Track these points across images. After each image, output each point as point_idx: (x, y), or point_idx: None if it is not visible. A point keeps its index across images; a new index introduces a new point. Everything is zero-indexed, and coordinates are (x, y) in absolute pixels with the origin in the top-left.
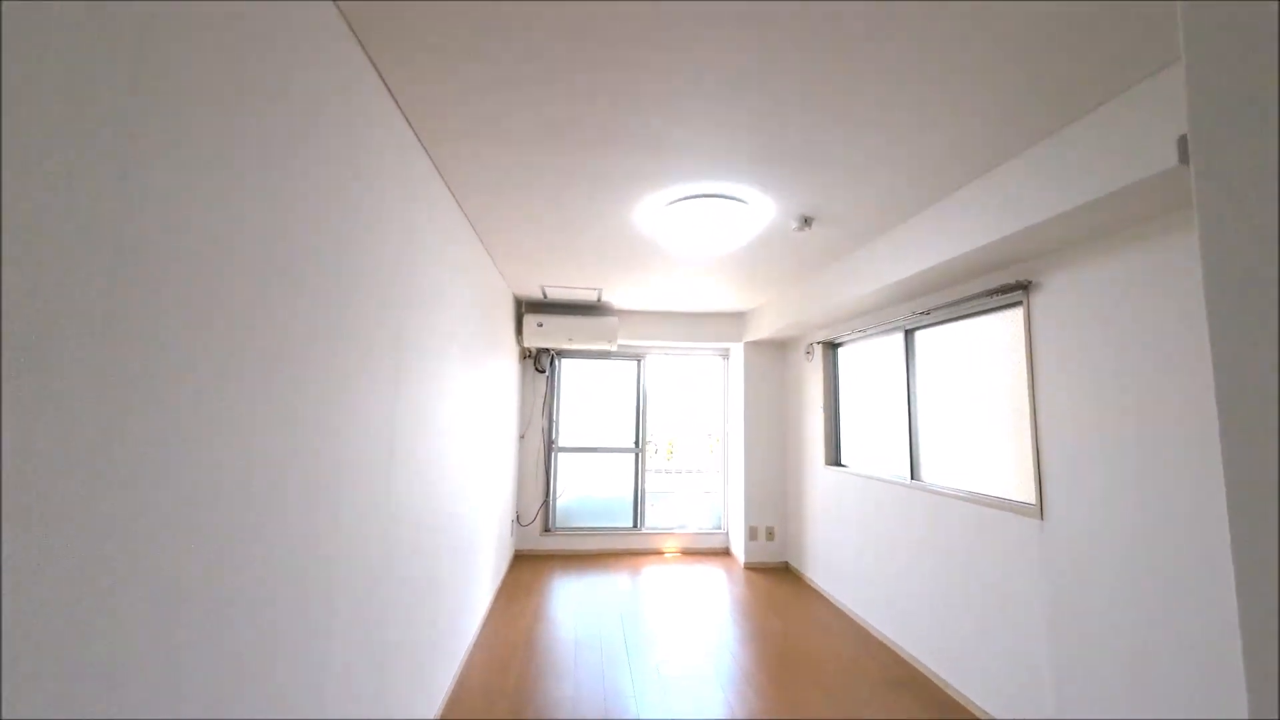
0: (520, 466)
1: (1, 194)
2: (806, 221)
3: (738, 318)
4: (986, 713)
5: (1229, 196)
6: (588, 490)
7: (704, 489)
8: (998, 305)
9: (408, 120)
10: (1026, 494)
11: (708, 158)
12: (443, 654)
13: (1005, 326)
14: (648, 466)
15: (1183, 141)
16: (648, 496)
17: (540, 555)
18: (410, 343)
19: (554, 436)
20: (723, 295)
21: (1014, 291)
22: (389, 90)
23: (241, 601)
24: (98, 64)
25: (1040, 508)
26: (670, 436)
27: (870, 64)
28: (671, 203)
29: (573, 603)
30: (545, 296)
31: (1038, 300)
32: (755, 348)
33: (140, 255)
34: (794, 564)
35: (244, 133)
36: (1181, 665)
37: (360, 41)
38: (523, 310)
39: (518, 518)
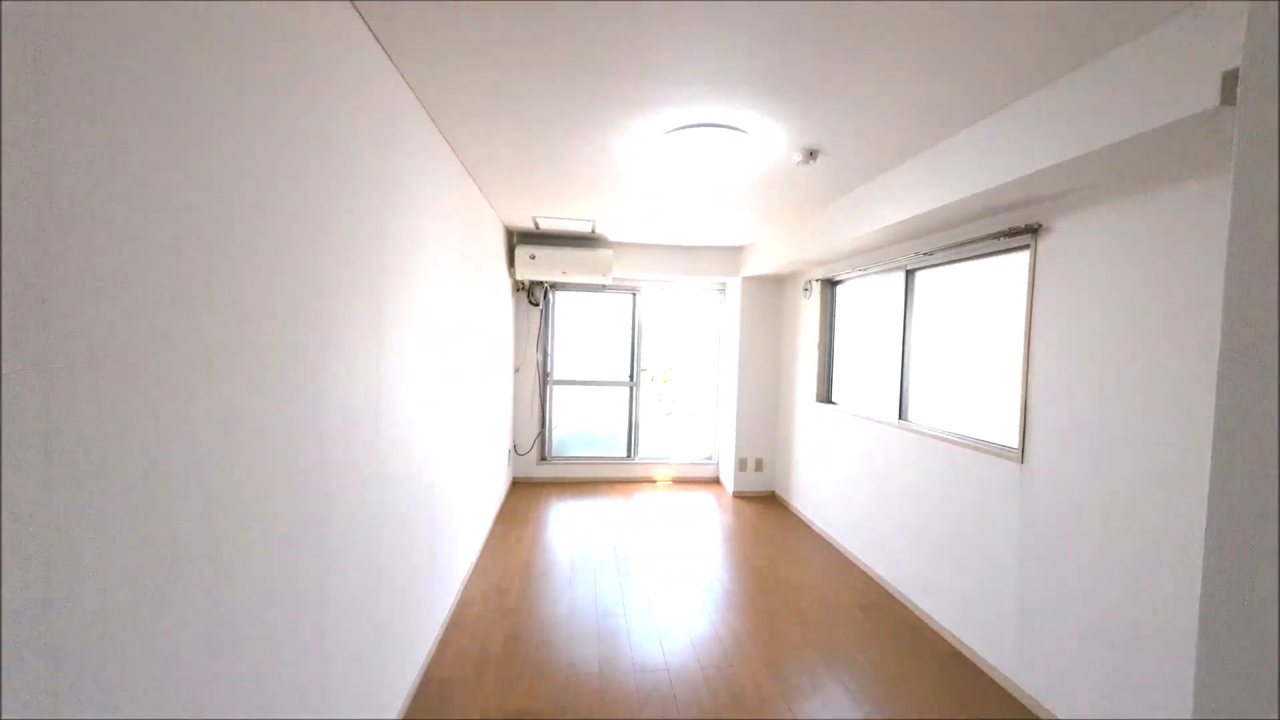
0: (516, 398)
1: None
2: (811, 155)
3: (736, 252)
4: (948, 630)
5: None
6: (583, 421)
7: (697, 420)
8: (1003, 249)
9: (379, 42)
10: (1010, 438)
11: (703, 83)
12: (441, 577)
13: (1009, 270)
14: (642, 398)
15: (1229, 78)
16: (641, 427)
17: (537, 483)
18: (392, 288)
19: (549, 369)
20: (721, 229)
21: (1022, 235)
22: (358, 12)
23: (258, 522)
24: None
25: (1022, 451)
26: (666, 365)
27: None
28: (668, 131)
29: (568, 528)
30: (537, 227)
31: (1044, 245)
32: (753, 283)
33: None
34: (780, 493)
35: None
36: (1146, 618)
37: None
38: (515, 241)
39: (515, 447)
